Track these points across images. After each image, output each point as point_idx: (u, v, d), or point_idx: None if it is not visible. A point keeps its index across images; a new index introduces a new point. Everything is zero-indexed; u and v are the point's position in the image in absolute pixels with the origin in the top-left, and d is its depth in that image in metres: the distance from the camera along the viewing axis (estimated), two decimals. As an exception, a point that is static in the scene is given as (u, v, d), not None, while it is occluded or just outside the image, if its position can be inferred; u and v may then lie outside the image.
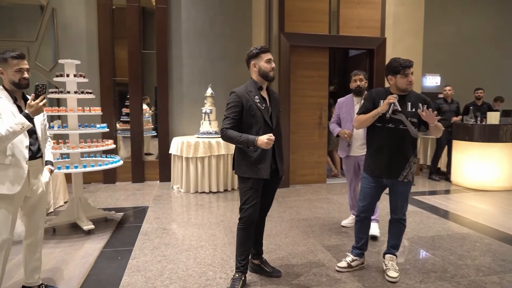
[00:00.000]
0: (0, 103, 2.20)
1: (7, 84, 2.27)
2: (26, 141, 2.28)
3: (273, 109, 2.67)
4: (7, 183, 2.20)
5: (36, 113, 2.18)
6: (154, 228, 3.94)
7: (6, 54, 2.22)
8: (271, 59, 2.59)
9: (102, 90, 6.09)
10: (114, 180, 6.26)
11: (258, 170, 2.55)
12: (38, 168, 2.40)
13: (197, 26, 6.42)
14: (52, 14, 5.94)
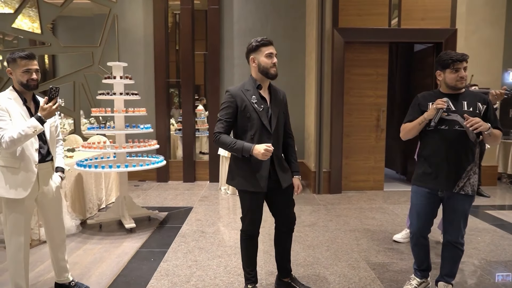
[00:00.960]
0: (10, 104, 2.19)
1: (16, 85, 2.26)
2: (36, 144, 2.27)
3: (274, 111, 2.36)
4: (16, 187, 2.19)
5: (49, 116, 2.16)
6: (193, 231, 3.89)
7: (15, 54, 2.21)
8: (273, 53, 2.29)
9: (157, 91, 6.28)
10: (166, 179, 6.42)
11: (254, 182, 2.28)
12: (48, 171, 2.38)
13: (248, 25, 6.32)
14: (114, 21, 6.28)
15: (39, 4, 6.21)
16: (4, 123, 2.12)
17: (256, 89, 2.31)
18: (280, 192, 2.41)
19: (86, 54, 6.35)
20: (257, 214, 2.40)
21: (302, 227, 3.99)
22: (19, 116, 2.18)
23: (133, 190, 5.77)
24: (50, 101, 2.14)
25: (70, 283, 2.59)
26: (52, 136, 2.39)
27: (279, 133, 2.38)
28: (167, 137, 6.39)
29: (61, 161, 2.51)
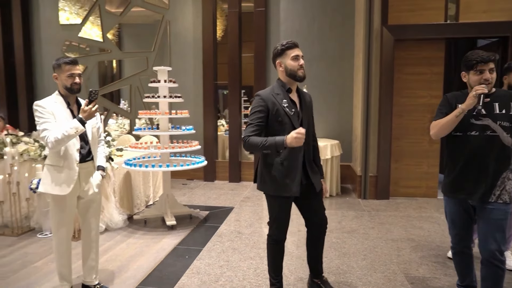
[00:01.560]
0: (55, 107, 2.35)
1: (61, 89, 2.42)
2: (77, 144, 2.41)
3: (305, 115, 2.32)
4: (60, 184, 2.34)
5: (89, 118, 2.29)
6: (230, 231, 3.95)
7: (60, 60, 2.37)
8: (299, 55, 2.25)
9: (205, 93, 6.48)
10: (213, 179, 6.59)
11: (286, 187, 2.25)
12: (88, 170, 2.51)
13: (295, 26, 6.25)
14: (166, 26, 6.60)
15: (102, 14, 6.74)
16: (50, 125, 2.29)
17: (286, 92, 2.29)
18: (312, 195, 2.39)
19: (143, 59, 6.76)
20: (285, 219, 2.39)
21: (341, 233, 3.86)
22: (63, 118, 2.34)
23: (180, 188, 6.02)
24: (90, 104, 2.27)
25: (95, 286, 2.62)
26: (93, 137, 2.52)
27: (309, 136, 2.35)
28: (214, 138, 6.56)
29: (102, 160, 2.62)
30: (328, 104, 6.19)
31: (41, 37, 7.04)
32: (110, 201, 3.99)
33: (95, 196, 2.56)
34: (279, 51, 2.27)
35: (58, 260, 2.51)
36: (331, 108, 6.21)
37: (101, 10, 6.74)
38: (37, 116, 2.31)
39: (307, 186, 2.35)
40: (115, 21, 6.78)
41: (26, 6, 6.95)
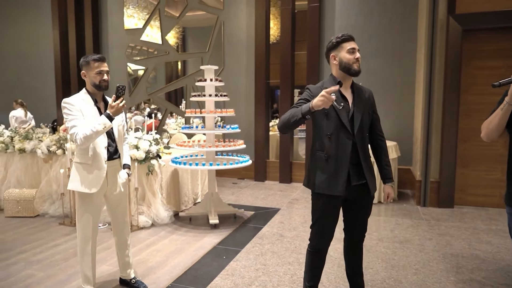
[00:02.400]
0: (83, 104, 2.35)
1: (89, 87, 2.40)
2: (105, 141, 2.40)
3: (357, 111, 2.11)
4: (88, 182, 2.34)
5: (117, 114, 2.27)
6: (272, 233, 3.84)
7: (89, 57, 2.36)
8: (355, 48, 2.09)
9: (256, 92, 6.44)
10: (264, 179, 6.53)
11: (329, 185, 2.09)
12: (116, 168, 2.50)
13: (350, 21, 5.93)
14: (220, 27, 6.68)
15: (161, 18, 7.05)
16: (78, 121, 2.28)
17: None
18: (363, 199, 2.20)
19: (196, 60, 6.94)
20: (327, 224, 2.20)
21: (392, 243, 3.54)
22: (90, 115, 2.34)
23: (230, 187, 6.04)
24: (118, 99, 2.26)
25: (131, 280, 2.69)
26: (120, 134, 2.51)
27: (363, 134, 2.15)
28: (265, 138, 6.50)
29: (128, 158, 2.63)
30: (386, 103, 5.77)
31: (109, 42, 7.58)
32: (157, 198, 4.11)
33: (122, 194, 2.56)
34: (334, 44, 2.14)
35: (82, 260, 2.47)
36: (389, 107, 5.78)
37: (160, 14, 7.05)
38: (65, 114, 2.33)
39: (361, 188, 2.15)
40: (173, 23, 7.05)
41: (96, 14, 7.53)
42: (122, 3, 7.33)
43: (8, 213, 4.39)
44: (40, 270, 2.98)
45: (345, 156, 2.10)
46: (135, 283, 2.69)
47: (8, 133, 4.85)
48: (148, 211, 4.07)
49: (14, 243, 3.57)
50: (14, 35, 8.52)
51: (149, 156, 4.03)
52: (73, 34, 7.53)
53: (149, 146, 4.04)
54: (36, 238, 3.69)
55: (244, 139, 5.36)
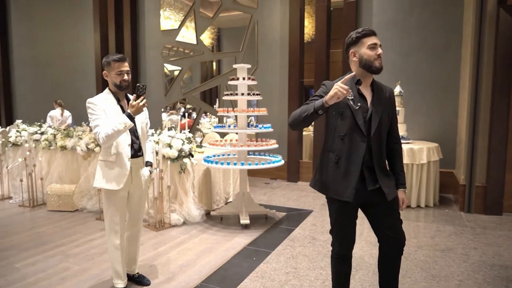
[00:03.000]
0: (106, 104, 2.38)
1: (111, 86, 2.43)
2: (128, 139, 2.42)
3: (376, 112, 1.96)
4: (112, 180, 2.38)
5: (137, 113, 2.30)
6: (304, 235, 3.73)
7: (109, 58, 2.38)
8: (377, 43, 1.94)
9: (290, 91, 6.34)
10: (296, 179, 6.41)
11: (340, 189, 1.96)
12: (139, 165, 2.53)
13: (389, 17, 5.67)
14: (254, 26, 6.65)
15: (196, 18, 7.13)
16: (101, 121, 2.32)
17: (355, 85, 2.00)
18: (383, 205, 2.03)
19: (229, 59, 6.95)
20: (345, 229, 2.09)
21: (432, 251, 3.32)
22: (113, 114, 2.36)
23: (262, 187, 5.99)
24: (138, 98, 2.27)
25: (134, 275, 2.73)
26: (143, 132, 2.53)
27: (381, 136, 2.01)
28: (298, 137, 6.38)
29: (150, 156, 2.64)
30: (428, 102, 5.47)
31: (146, 43, 7.77)
32: (189, 196, 4.12)
33: (143, 191, 2.58)
34: (354, 39, 2.00)
35: (112, 256, 2.51)
36: (431, 107, 5.47)
37: (195, 15, 7.13)
38: (89, 113, 2.37)
39: (377, 194, 2.00)
40: (207, 24, 7.11)
41: (134, 17, 7.76)
42: (159, 5, 7.49)
43: (50, 207, 4.59)
44: (76, 263, 3.06)
45: (357, 159, 1.96)
46: (138, 277, 2.73)
47: (51, 131, 5.08)
48: (180, 209, 4.10)
49: (54, 236, 3.72)
50: (57, 37, 8.97)
51: (182, 154, 4.06)
52: (113, 36, 7.80)
53: (181, 145, 4.06)
54: (74, 232, 3.82)
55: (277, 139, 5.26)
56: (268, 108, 4.28)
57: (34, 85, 9.53)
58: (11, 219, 4.31)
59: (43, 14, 9.12)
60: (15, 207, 4.78)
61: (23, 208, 4.75)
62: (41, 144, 4.96)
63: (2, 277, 2.81)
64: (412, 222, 4.15)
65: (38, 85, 9.47)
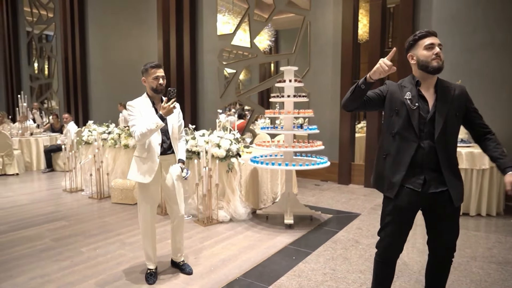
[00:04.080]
0: (142, 106, 2.65)
1: (148, 90, 2.69)
2: (159, 138, 2.67)
3: (440, 114, 1.91)
4: (144, 174, 2.63)
5: (168, 114, 2.52)
6: (347, 238, 3.69)
7: (147, 65, 2.64)
8: (434, 43, 1.92)
9: (342, 92, 6.24)
10: (348, 182, 6.29)
11: (388, 184, 2.00)
12: (169, 162, 2.75)
13: (451, 11, 5.32)
14: (307, 28, 6.66)
15: (250, 22, 7.33)
16: (137, 121, 2.58)
17: (414, 86, 2.00)
18: (444, 212, 1.98)
19: (282, 61, 7.03)
20: (394, 232, 2.05)
21: (487, 263, 3.09)
22: (148, 115, 2.61)
23: (311, 188, 5.98)
24: (169, 101, 2.51)
25: (179, 263, 2.97)
26: (174, 132, 2.74)
27: (448, 138, 1.94)
28: (350, 139, 6.26)
29: (182, 154, 2.84)
30: (492, 103, 5.04)
31: (203, 48, 8.17)
32: (236, 194, 4.29)
33: (176, 186, 2.76)
34: (411, 43, 2.02)
35: (143, 241, 2.81)
36: (495, 108, 5.03)
37: (250, 18, 7.34)
38: (128, 114, 2.65)
39: (441, 196, 1.94)
40: (261, 27, 7.27)
41: (194, 23, 8.20)
42: (216, 12, 7.83)
43: (114, 200, 5.07)
44: (131, 251, 3.38)
45: (405, 158, 1.95)
46: (183, 265, 2.95)
47: (117, 131, 5.60)
48: (227, 207, 4.29)
49: (115, 225, 4.12)
50: (125, 46, 9.80)
51: (229, 154, 4.24)
52: (174, 42, 8.32)
53: (229, 145, 4.24)
54: (132, 223, 4.19)
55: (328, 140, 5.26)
56: (320, 109, 4.29)
57: (106, 88, 10.52)
58: (81, 209, 4.84)
59: (114, 24, 10.04)
60: (86, 199, 5.36)
61: (92, 199, 5.31)
62: (108, 142, 5.49)
63: (69, 259, 3.21)
64: (470, 231, 3.88)
65: (109, 88, 10.43)
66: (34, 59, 12.90)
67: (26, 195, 5.58)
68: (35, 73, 12.92)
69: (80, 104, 10.83)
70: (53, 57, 12.03)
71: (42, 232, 3.90)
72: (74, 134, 6.51)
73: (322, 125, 6.40)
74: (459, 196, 1.94)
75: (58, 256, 3.27)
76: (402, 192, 1.97)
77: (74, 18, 10.69)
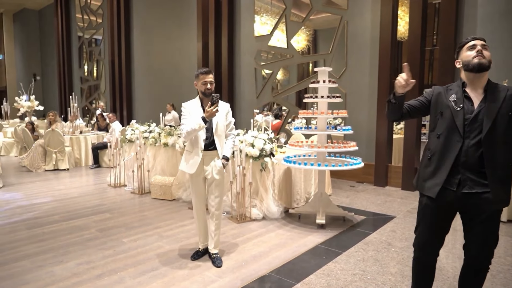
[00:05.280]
0: (192, 107, 2.99)
1: (200, 94, 3.02)
2: (203, 135, 2.98)
3: (488, 115, 1.89)
4: (188, 165, 3.01)
5: (210, 117, 2.83)
6: (380, 240, 3.64)
7: (198, 71, 2.98)
8: (476, 44, 1.96)
9: (379, 92, 6.12)
10: (384, 184, 6.16)
11: (424, 184, 2.04)
12: (211, 157, 3.02)
13: (499, 7, 5.07)
14: (344, 27, 6.59)
15: (287, 23, 7.39)
16: (186, 120, 2.95)
17: (460, 88, 2.02)
18: (483, 212, 1.93)
19: (318, 62, 7.02)
20: (428, 232, 2.07)
21: (530, 271, 2.93)
22: (196, 116, 2.93)
23: (346, 189, 5.92)
24: (212, 106, 2.81)
25: (212, 255, 3.15)
26: (218, 130, 3.00)
27: (498, 137, 1.90)
28: (387, 140, 6.12)
29: (228, 151, 3.08)
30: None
31: (241, 49, 8.34)
32: (269, 193, 4.37)
33: (216, 180, 3.02)
34: (457, 50, 2.09)
35: (196, 223, 3.24)
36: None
37: (286, 19, 7.39)
38: (181, 114, 3.03)
39: (481, 198, 1.89)
40: (298, 27, 7.30)
41: (232, 25, 8.40)
42: (253, 14, 7.96)
43: (154, 195, 5.34)
44: (168, 244, 3.57)
45: (449, 158, 1.95)
46: (214, 258, 3.12)
47: (157, 129, 5.89)
48: (260, 205, 4.38)
49: (154, 219, 4.35)
50: (167, 49, 10.22)
51: (263, 154, 4.33)
52: (212, 44, 8.57)
53: (263, 145, 4.33)
54: (169, 218, 4.40)
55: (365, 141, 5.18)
56: (357, 110, 4.27)
57: (149, 89, 11.03)
58: (124, 203, 5.15)
59: (157, 29, 10.50)
60: (128, 194, 5.69)
61: (133, 194, 5.63)
62: (149, 141, 5.79)
63: (112, 248, 3.46)
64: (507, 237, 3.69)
65: (151, 89, 10.92)
66: (84, 62, 13.80)
67: (76, 189, 6.02)
68: (85, 75, 13.80)
69: (124, 104, 11.44)
70: (101, 60, 12.79)
71: (89, 223, 4.21)
72: (118, 133, 6.92)
73: (359, 125, 6.32)
74: (499, 199, 1.88)
75: (102, 245, 3.53)
76: (440, 191, 1.97)
77: (121, 23, 11.32)
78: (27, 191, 5.82)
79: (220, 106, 2.94)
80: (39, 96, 14.98)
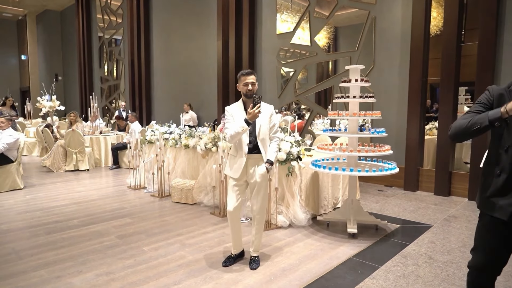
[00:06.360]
0: (235, 110, 2.94)
1: (243, 96, 2.95)
2: (247, 139, 2.91)
3: None
4: (232, 169, 2.95)
5: (253, 119, 2.76)
6: (419, 253, 3.35)
7: (240, 73, 2.92)
8: None
9: (410, 91, 5.77)
10: (415, 188, 5.82)
11: (491, 203, 1.74)
12: (254, 161, 2.94)
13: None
14: (372, 23, 6.26)
15: (310, 20, 7.10)
16: (229, 124, 2.90)
17: None
18: None
19: (344, 59, 6.71)
20: (488, 251, 1.81)
21: None
22: (239, 118, 2.87)
23: (375, 194, 5.61)
24: (254, 107, 2.73)
25: (251, 257, 3.11)
26: (262, 133, 2.92)
27: None
28: (419, 142, 5.77)
29: (272, 155, 2.97)
30: None
31: (262, 47, 8.10)
32: (295, 199, 4.12)
33: (259, 184, 2.94)
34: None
35: (230, 231, 3.08)
36: None
37: (310, 16, 7.11)
38: (225, 117, 2.99)
39: None
40: (322, 24, 7.00)
41: (252, 23, 8.17)
42: (275, 11, 7.70)
43: (174, 199, 5.18)
44: (190, 253, 3.37)
45: None
46: (252, 260, 3.09)
47: (178, 131, 5.72)
48: (286, 212, 4.14)
49: (175, 225, 4.17)
50: (186, 48, 10.08)
51: (290, 157, 4.09)
52: (233, 42, 8.36)
53: (290, 148, 4.09)
54: (191, 224, 4.21)
55: (394, 143, 4.84)
56: (385, 111, 4.01)
57: (168, 89, 10.92)
58: (144, 206, 5.00)
59: (176, 28, 10.37)
60: (148, 196, 5.54)
61: (153, 197, 5.48)
62: (169, 142, 5.62)
63: (132, 258, 3.28)
64: None
65: (171, 89, 10.81)
66: (104, 62, 13.84)
67: (95, 191, 5.92)
68: (105, 75, 13.85)
69: (144, 104, 11.39)
70: (121, 60, 12.79)
71: (109, 228, 4.07)
72: (138, 134, 6.80)
73: (387, 126, 5.93)
74: None
75: (122, 254, 3.36)
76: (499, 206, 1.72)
77: (140, 23, 11.26)
78: (48, 193, 5.76)
79: (263, 108, 2.88)
80: (60, 96, 15.17)
